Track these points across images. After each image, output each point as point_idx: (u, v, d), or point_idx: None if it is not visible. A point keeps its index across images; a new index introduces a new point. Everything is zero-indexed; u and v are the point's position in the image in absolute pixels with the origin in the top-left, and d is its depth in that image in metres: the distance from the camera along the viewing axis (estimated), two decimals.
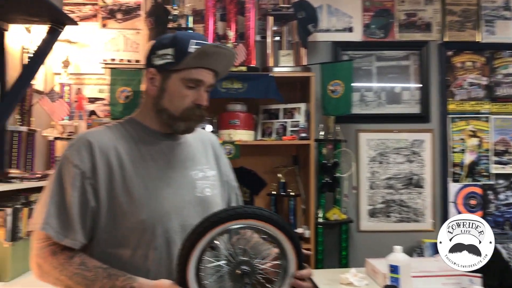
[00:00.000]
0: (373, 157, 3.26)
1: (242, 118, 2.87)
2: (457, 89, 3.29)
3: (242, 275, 1.08)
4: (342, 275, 2.21)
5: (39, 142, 2.81)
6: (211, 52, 1.20)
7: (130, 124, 1.28)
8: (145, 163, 1.22)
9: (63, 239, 1.13)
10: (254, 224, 1.09)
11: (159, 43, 1.24)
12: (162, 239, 1.18)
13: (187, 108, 1.22)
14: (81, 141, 1.19)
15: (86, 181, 1.15)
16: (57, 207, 1.14)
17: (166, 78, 1.22)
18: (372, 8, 3.28)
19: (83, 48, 3.13)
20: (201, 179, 1.29)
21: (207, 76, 1.23)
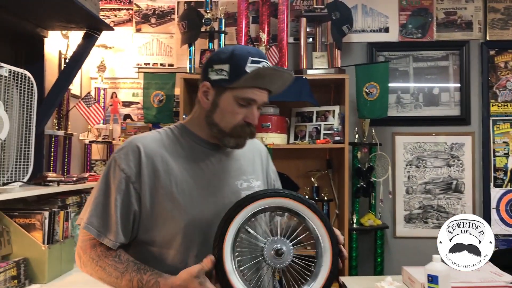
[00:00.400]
0: (409, 161, 3.16)
1: (274, 121, 2.84)
2: (500, 90, 3.15)
3: (277, 254, 1.13)
4: (378, 283, 2.15)
5: (75, 146, 2.87)
6: (267, 74, 1.20)
7: (181, 131, 1.29)
8: (192, 170, 1.23)
9: (103, 239, 1.17)
10: (287, 203, 1.16)
11: (217, 57, 1.23)
12: (201, 246, 1.19)
13: (237, 125, 1.23)
14: (130, 145, 1.21)
15: (131, 185, 1.18)
16: (100, 208, 1.18)
17: (219, 94, 1.22)
18: (409, 7, 3.18)
19: (117, 52, 3.18)
20: (246, 189, 1.29)
21: (261, 95, 1.23)
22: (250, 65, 1.18)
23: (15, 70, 1.94)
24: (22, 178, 2.03)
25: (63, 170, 2.65)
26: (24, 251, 1.95)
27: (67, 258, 2.16)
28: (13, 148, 1.96)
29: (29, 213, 2.01)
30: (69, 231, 2.21)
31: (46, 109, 2.35)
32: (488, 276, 2.08)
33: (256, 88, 1.21)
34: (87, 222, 1.18)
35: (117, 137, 3.13)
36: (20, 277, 1.89)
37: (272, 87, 1.25)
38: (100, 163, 3.03)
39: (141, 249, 1.23)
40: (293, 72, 1.23)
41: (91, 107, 2.73)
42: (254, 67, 1.18)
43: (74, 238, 2.25)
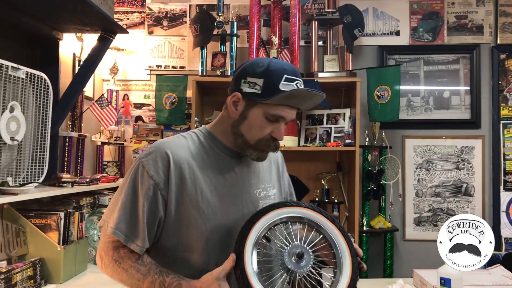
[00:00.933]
0: (419, 164, 3.16)
1: None
2: (510, 94, 3.15)
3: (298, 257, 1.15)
4: (389, 285, 2.15)
5: (87, 147, 2.89)
6: (300, 96, 1.21)
7: (206, 137, 1.30)
8: (215, 178, 1.24)
9: (131, 244, 1.17)
10: (304, 212, 1.20)
11: (251, 69, 1.22)
12: (221, 254, 1.20)
13: (263, 139, 1.23)
14: (158, 151, 1.21)
15: (159, 192, 1.18)
16: (128, 213, 1.18)
17: (249, 107, 1.22)
18: (420, 11, 3.18)
19: (130, 54, 3.21)
20: (263, 198, 1.31)
21: (290, 113, 1.23)
22: (284, 83, 1.18)
23: (31, 72, 1.97)
24: (38, 179, 2.06)
25: (76, 171, 2.68)
26: (40, 252, 1.98)
27: (82, 259, 2.18)
28: (28, 149, 1.99)
29: (45, 214, 2.03)
30: (83, 232, 2.23)
31: (60, 111, 2.38)
32: (499, 279, 2.08)
33: (287, 106, 1.21)
34: (115, 227, 1.18)
35: (129, 138, 3.16)
36: (36, 277, 1.91)
37: (303, 106, 1.28)
38: (112, 164, 3.05)
39: (162, 253, 1.24)
40: (323, 93, 1.24)
41: (104, 109, 2.76)
42: (288, 85, 1.18)
43: (88, 238, 2.28)
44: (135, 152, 3.01)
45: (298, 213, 1.21)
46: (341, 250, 1.17)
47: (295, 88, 1.18)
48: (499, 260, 2.72)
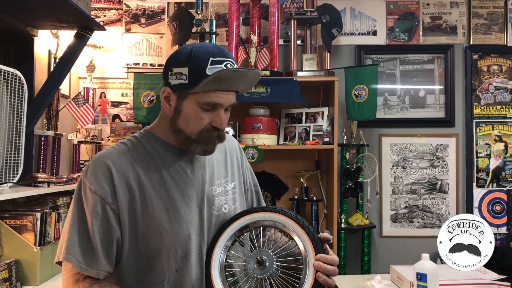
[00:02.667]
0: (396, 162, 3.23)
1: (265, 122, 2.86)
2: (482, 93, 3.24)
3: (262, 263, 1.12)
4: (368, 281, 2.19)
5: (64, 146, 2.84)
6: (229, 77, 1.10)
7: (148, 139, 1.20)
8: (164, 183, 1.16)
9: (87, 270, 1.08)
10: (269, 216, 1.16)
11: (175, 59, 1.13)
12: (182, 260, 1.15)
13: (203, 130, 1.13)
14: (98, 165, 1.12)
15: (107, 207, 1.09)
16: (79, 236, 1.09)
17: (181, 99, 1.12)
18: (396, 11, 3.24)
19: (107, 52, 3.16)
20: (219, 194, 1.24)
21: (226, 98, 1.13)
22: (211, 66, 1.07)
23: (5, 70, 1.91)
24: (12, 179, 2.01)
25: (52, 170, 2.63)
26: (16, 253, 1.93)
27: None
28: (2, 148, 1.94)
29: (20, 215, 1.99)
30: (60, 233, 2.19)
31: (36, 109, 2.32)
32: (473, 274, 2.14)
33: (219, 91, 1.11)
34: (66, 252, 1.07)
35: (106, 137, 3.11)
36: (12, 279, 1.87)
37: (239, 87, 1.16)
38: None
39: (123, 272, 1.15)
40: (259, 70, 1.14)
41: (81, 108, 2.71)
42: (215, 68, 1.07)
43: None
44: None
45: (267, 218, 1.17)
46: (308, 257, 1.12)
47: (223, 69, 1.08)
48: None
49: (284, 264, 1.14)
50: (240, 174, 1.35)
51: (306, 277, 1.11)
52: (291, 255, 1.15)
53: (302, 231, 1.13)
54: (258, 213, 1.19)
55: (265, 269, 1.12)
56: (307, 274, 1.11)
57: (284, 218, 1.15)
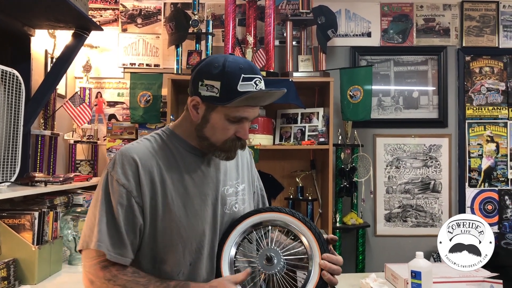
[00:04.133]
0: (390, 162, 3.27)
1: (261, 122, 2.88)
2: (474, 95, 3.29)
3: (270, 259, 1.17)
4: (363, 280, 2.21)
5: (60, 146, 2.84)
6: (260, 96, 1.19)
7: (170, 138, 1.27)
8: (183, 180, 1.22)
9: (116, 257, 1.14)
10: (278, 216, 1.23)
11: (207, 71, 1.18)
12: (195, 254, 1.22)
13: (228, 140, 1.22)
14: (125, 158, 1.18)
15: (133, 200, 1.16)
16: (108, 225, 1.15)
17: (210, 110, 1.19)
18: (390, 13, 3.28)
19: (103, 52, 3.16)
20: (231, 195, 1.31)
21: (252, 112, 1.21)
22: (242, 83, 1.14)
23: (2, 69, 1.91)
24: (10, 178, 2.01)
25: (49, 170, 2.63)
26: (14, 252, 1.93)
27: (56, 259, 2.15)
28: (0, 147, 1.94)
29: (18, 214, 1.99)
30: (58, 232, 2.20)
31: (33, 108, 2.33)
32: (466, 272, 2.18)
33: (248, 106, 1.19)
34: (98, 241, 1.14)
35: (102, 137, 3.12)
36: (10, 278, 1.87)
37: (265, 103, 1.26)
38: (85, 163, 3.01)
39: (140, 261, 1.21)
40: (284, 89, 1.21)
41: (78, 107, 2.72)
42: (246, 85, 1.14)
43: (62, 238, 2.24)
44: (109, 151, 2.98)
45: (276, 218, 1.24)
46: (313, 252, 1.18)
47: (253, 86, 1.15)
48: None
49: (291, 262, 1.20)
50: (250, 177, 1.43)
51: (311, 274, 1.16)
52: (297, 255, 1.21)
53: (309, 232, 1.19)
54: (267, 213, 1.25)
55: (273, 265, 1.18)
56: (312, 272, 1.16)
57: (292, 218, 1.21)
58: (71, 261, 2.30)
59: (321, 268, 1.15)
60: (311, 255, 1.18)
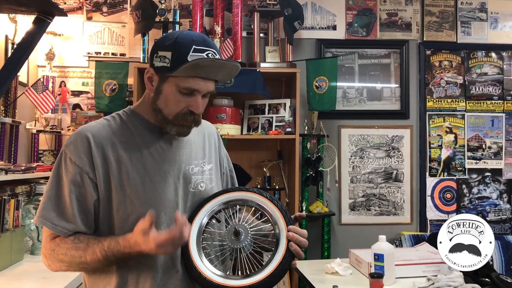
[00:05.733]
0: (354, 152, 3.35)
1: (228, 112, 2.90)
2: (435, 87, 3.42)
3: (238, 234, 1.21)
4: (328, 264, 2.28)
5: (22, 135, 2.77)
6: (207, 65, 1.17)
7: (130, 116, 1.27)
8: (142, 157, 1.23)
9: (60, 230, 1.16)
10: (246, 195, 1.27)
11: (161, 43, 1.21)
12: None
13: (180, 113, 1.21)
14: (79, 136, 1.19)
15: (86, 176, 1.17)
16: (53, 200, 1.17)
17: (162, 81, 1.20)
18: (355, 7, 3.36)
19: (67, 40, 3.09)
20: (197, 173, 1.30)
21: (204, 85, 1.20)
22: (193, 54, 1.15)
23: None
24: None
25: (10, 159, 2.55)
26: None
27: (18, 248, 2.10)
28: None
29: None
30: (19, 221, 2.15)
31: None
32: (426, 255, 2.28)
33: (198, 77, 1.18)
34: (40, 215, 1.16)
35: (66, 127, 3.05)
36: None
37: (217, 76, 1.23)
38: (48, 153, 2.94)
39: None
40: (238, 63, 1.23)
41: (41, 94, 2.65)
42: (197, 56, 1.15)
43: (24, 227, 2.19)
44: None
45: (244, 197, 1.27)
46: (280, 230, 1.21)
47: (203, 57, 1.16)
48: (425, 239, 2.95)
49: (258, 237, 1.22)
50: (217, 158, 1.42)
51: (278, 247, 1.19)
52: (264, 232, 1.24)
53: (275, 208, 1.23)
54: (236, 192, 1.29)
55: (240, 241, 1.21)
56: (279, 244, 1.19)
57: (259, 197, 1.26)
58: (33, 251, 2.26)
59: (288, 240, 1.18)
60: (278, 229, 1.20)
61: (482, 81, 3.44)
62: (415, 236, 3.17)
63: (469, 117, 3.43)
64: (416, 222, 3.36)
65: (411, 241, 3.13)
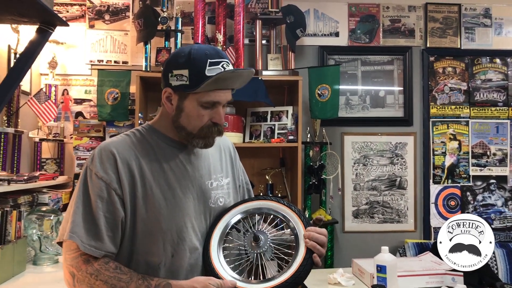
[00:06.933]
0: (357, 159, 3.33)
1: (231, 120, 2.89)
2: (438, 94, 3.39)
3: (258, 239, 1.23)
4: (330, 275, 2.26)
5: (25, 144, 2.77)
6: (227, 77, 1.20)
7: (150, 133, 1.29)
8: (164, 173, 1.24)
9: (90, 249, 1.14)
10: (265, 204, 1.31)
11: (174, 62, 1.21)
12: (175, 247, 1.22)
13: (204, 127, 1.23)
14: (103, 152, 1.20)
15: (113, 192, 1.17)
16: (83, 218, 1.16)
17: (182, 99, 1.22)
18: (357, 13, 3.35)
19: (69, 48, 3.10)
20: (215, 188, 1.32)
21: (224, 96, 1.23)
22: (209, 68, 1.17)
23: None
24: None
25: (12, 168, 2.56)
26: None
27: (20, 259, 2.10)
28: None
29: None
30: (21, 231, 2.14)
31: None
32: (429, 265, 2.25)
33: (218, 90, 1.20)
34: (70, 231, 1.14)
35: (69, 135, 3.06)
36: None
37: (234, 86, 1.26)
38: (51, 161, 2.94)
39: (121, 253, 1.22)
40: (252, 69, 1.24)
41: (43, 104, 2.65)
42: (214, 69, 1.17)
43: (27, 238, 2.19)
44: (76, 149, 2.93)
45: (263, 205, 1.30)
46: (299, 233, 1.23)
47: (221, 70, 1.17)
48: (428, 248, 2.93)
49: (278, 242, 1.25)
50: (234, 171, 1.44)
51: (298, 249, 1.21)
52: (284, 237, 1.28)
53: (293, 213, 1.26)
54: (254, 202, 1.33)
55: (260, 246, 1.23)
56: (299, 246, 1.21)
57: (276, 204, 1.30)
58: (36, 261, 2.25)
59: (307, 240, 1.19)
60: (297, 232, 1.23)
61: (487, 88, 3.42)
62: (419, 244, 3.15)
63: (473, 123, 3.40)
64: (420, 229, 3.34)
65: (415, 249, 3.11)
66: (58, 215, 2.30)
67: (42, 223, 2.23)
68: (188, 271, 1.23)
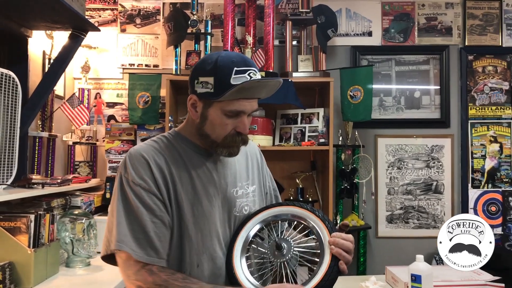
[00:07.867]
0: (391, 163, 3.23)
1: (260, 123, 2.86)
2: (477, 94, 3.25)
3: (280, 247, 1.19)
4: (362, 283, 2.19)
5: (58, 147, 2.83)
6: (252, 87, 1.17)
7: (177, 139, 1.28)
8: (191, 179, 1.23)
9: (147, 258, 1.13)
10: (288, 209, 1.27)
11: (201, 69, 1.20)
12: (202, 255, 1.21)
13: (228, 136, 1.22)
14: (135, 158, 1.19)
15: (154, 197, 1.16)
16: (129, 227, 1.14)
17: (207, 107, 1.21)
18: (391, 12, 3.25)
19: (102, 53, 3.15)
20: (241, 196, 1.31)
21: (249, 105, 1.20)
22: (235, 76, 1.15)
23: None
24: (6, 181, 2.00)
25: (47, 172, 2.62)
26: (9, 255, 1.92)
27: (53, 261, 2.13)
28: None
29: (14, 216, 1.98)
30: (54, 234, 2.18)
31: (30, 110, 2.31)
32: (468, 275, 2.15)
33: (243, 99, 1.18)
34: (118, 241, 1.12)
35: (101, 138, 3.10)
36: (6, 281, 1.86)
37: (260, 95, 1.24)
38: (84, 164, 3.00)
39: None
40: (280, 78, 1.21)
41: (76, 108, 2.70)
42: (239, 78, 1.14)
43: (60, 241, 2.23)
44: (108, 152, 2.96)
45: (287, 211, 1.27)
46: (324, 239, 1.19)
47: (247, 79, 1.15)
48: None
49: (302, 250, 1.20)
50: (260, 178, 1.42)
51: (324, 256, 1.17)
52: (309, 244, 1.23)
53: (317, 219, 1.23)
54: (276, 207, 1.30)
55: (284, 254, 1.19)
56: (324, 254, 1.17)
57: (300, 210, 1.26)
58: (69, 264, 2.29)
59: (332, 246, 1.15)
60: (322, 239, 1.19)
61: None
62: None
63: None
64: None
65: None
66: (89, 218, 2.33)
67: (74, 226, 2.27)
68: (212, 281, 1.21)
